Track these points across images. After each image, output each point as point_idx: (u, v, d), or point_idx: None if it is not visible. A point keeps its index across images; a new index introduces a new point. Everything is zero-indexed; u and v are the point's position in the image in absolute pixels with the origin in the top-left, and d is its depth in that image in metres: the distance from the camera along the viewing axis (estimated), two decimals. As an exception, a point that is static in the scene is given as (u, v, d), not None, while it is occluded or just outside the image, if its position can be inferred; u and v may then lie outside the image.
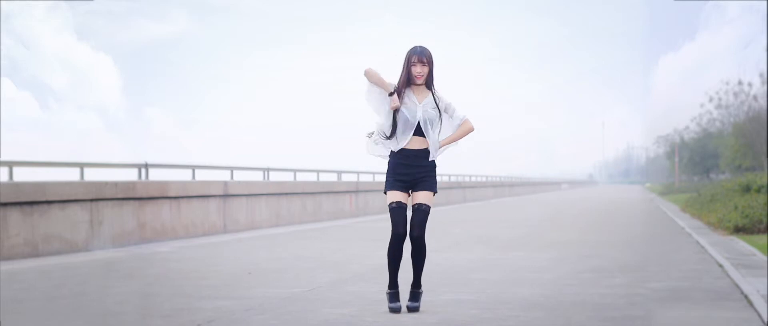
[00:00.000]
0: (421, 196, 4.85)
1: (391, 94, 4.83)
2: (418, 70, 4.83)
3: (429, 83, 4.89)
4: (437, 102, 4.88)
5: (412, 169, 4.85)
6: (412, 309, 4.86)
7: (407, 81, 4.87)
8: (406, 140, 4.84)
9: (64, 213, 9.14)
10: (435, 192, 4.90)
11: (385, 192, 4.93)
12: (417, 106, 4.85)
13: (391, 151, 4.88)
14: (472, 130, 4.98)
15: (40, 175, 10.07)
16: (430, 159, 4.86)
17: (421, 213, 4.82)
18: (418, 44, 4.87)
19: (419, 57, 4.83)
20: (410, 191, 4.88)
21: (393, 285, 4.92)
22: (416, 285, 4.93)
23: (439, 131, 4.91)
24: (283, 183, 15.10)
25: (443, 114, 4.92)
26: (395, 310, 4.85)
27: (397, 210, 4.83)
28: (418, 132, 4.83)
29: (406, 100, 4.86)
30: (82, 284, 6.36)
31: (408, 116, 4.83)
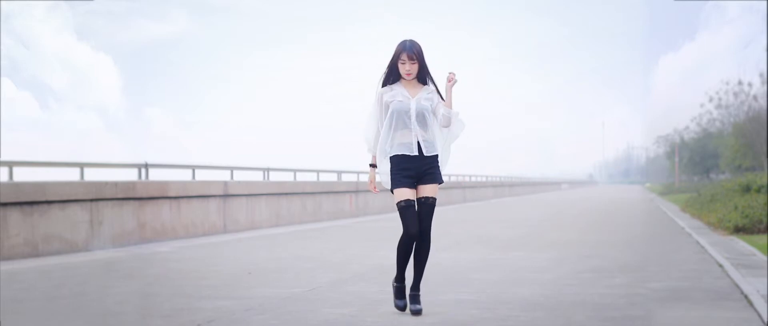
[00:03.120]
0: (428, 189, 4.75)
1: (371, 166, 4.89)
2: (408, 68, 4.72)
3: (423, 78, 4.81)
4: (432, 93, 4.80)
5: (416, 163, 4.74)
6: (417, 312, 4.74)
7: (396, 75, 4.79)
8: (404, 136, 4.73)
9: (64, 213, 9.14)
10: (441, 182, 4.80)
11: (391, 191, 4.78)
12: (410, 100, 4.75)
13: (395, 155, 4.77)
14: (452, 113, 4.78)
15: (40, 175, 10.08)
16: (432, 153, 4.75)
17: (428, 206, 4.74)
18: (408, 38, 4.75)
19: (408, 54, 4.70)
20: (416, 185, 4.76)
21: (400, 278, 4.85)
22: (416, 287, 4.82)
23: (436, 127, 4.82)
24: (283, 183, 15.10)
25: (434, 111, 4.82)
26: (401, 308, 4.79)
27: (406, 209, 4.70)
28: (415, 126, 4.73)
29: (398, 95, 4.76)
30: (82, 284, 6.36)
31: (401, 111, 4.72)
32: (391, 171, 4.77)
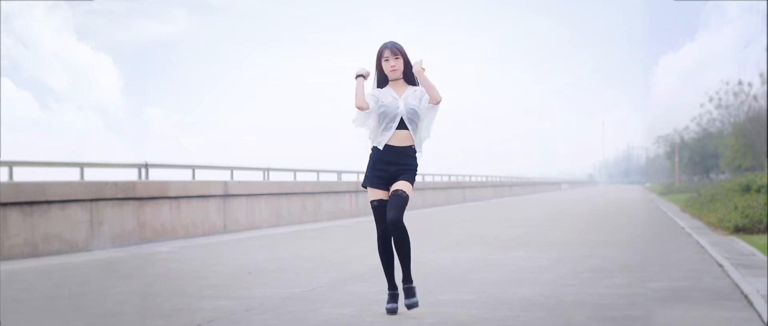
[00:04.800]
0: (399, 184, 4.73)
1: (358, 77, 4.73)
2: (392, 64, 4.73)
3: (409, 78, 4.80)
4: (419, 90, 4.77)
5: (392, 166, 4.74)
6: (412, 306, 4.72)
7: (382, 79, 4.79)
8: (388, 136, 4.73)
9: (64, 213, 9.14)
10: (412, 185, 4.80)
11: (364, 186, 4.84)
12: (397, 99, 4.74)
13: (374, 147, 4.79)
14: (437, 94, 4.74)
15: (40, 175, 10.08)
16: (416, 153, 4.77)
17: (398, 198, 4.69)
18: (389, 40, 4.78)
19: (391, 50, 4.72)
20: (390, 188, 4.75)
21: (391, 286, 4.87)
22: (407, 279, 4.77)
23: (424, 125, 4.80)
24: (283, 183, 15.10)
25: (423, 101, 4.77)
26: (392, 312, 4.78)
27: (379, 208, 4.76)
28: (401, 127, 4.72)
29: (387, 96, 4.75)
30: (82, 284, 6.36)
31: (388, 111, 4.71)
32: (368, 167, 4.82)
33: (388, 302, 4.83)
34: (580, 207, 22.93)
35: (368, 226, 14.01)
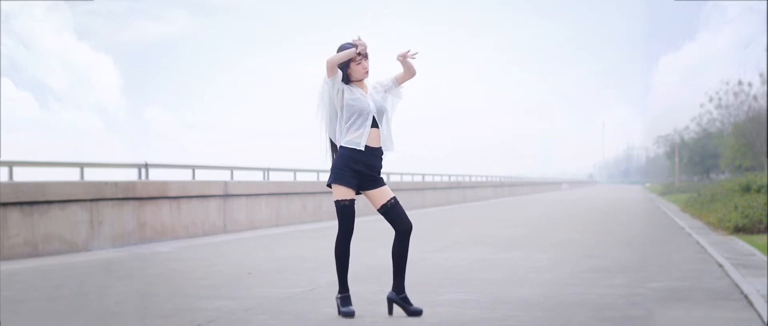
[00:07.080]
0: (386, 192, 4.69)
1: (353, 47, 4.59)
2: (365, 66, 4.65)
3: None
4: (380, 86, 4.75)
5: (369, 169, 4.65)
6: (420, 312, 4.69)
7: (346, 78, 4.67)
8: (364, 134, 4.61)
9: (64, 213, 9.14)
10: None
11: (329, 185, 4.69)
12: (366, 97, 4.66)
13: (351, 148, 4.62)
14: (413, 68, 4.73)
15: (40, 175, 10.07)
16: (385, 152, 4.71)
17: (399, 206, 4.71)
18: (347, 41, 4.66)
19: (363, 54, 4.64)
20: (357, 191, 4.67)
21: (345, 288, 4.78)
22: (403, 288, 4.71)
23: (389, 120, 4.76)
24: (283, 183, 15.10)
25: (388, 93, 4.76)
26: (350, 315, 4.67)
27: (349, 209, 4.65)
28: (374, 125, 4.63)
29: (356, 93, 4.65)
30: (82, 284, 6.36)
31: (360, 106, 4.61)
32: (337, 164, 4.67)
33: (344, 305, 4.72)
34: (580, 207, 22.93)
35: (368, 226, 14.01)
